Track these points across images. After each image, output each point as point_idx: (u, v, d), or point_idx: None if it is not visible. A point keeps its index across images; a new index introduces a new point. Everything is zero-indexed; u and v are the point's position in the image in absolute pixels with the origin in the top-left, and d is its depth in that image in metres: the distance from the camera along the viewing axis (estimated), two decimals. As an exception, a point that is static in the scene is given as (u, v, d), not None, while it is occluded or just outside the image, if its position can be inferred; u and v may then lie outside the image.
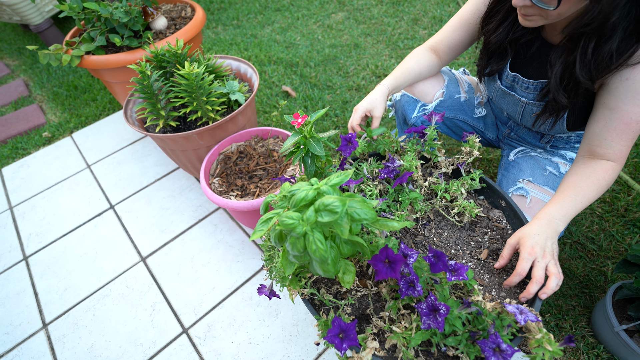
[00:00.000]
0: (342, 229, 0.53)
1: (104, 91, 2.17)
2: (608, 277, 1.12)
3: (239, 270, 1.25)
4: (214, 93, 1.23)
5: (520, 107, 0.94)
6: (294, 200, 0.54)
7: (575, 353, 0.99)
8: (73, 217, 1.52)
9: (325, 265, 0.59)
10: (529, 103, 0.91)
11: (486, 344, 0.58)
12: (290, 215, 0.53)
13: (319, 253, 0.54)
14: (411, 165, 0.88)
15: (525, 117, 0.96)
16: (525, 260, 0.68)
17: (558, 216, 0.72)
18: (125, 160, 1.73)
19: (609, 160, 0.74)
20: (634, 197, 1.31)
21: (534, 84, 0.87)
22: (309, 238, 0.54)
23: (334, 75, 2.06)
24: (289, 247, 0.57)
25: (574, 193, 0.73)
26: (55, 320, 1.20)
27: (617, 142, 0.73)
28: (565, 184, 0.76)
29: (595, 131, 0.75)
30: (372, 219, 0.55)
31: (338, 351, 0.60)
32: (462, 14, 0.97)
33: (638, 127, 0.72)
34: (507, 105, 0.99)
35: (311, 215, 0.52)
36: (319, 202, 0.52)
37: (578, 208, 0.73)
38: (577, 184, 0.74)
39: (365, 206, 0.56)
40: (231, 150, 1.29)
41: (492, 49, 0.90)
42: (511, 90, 0.94)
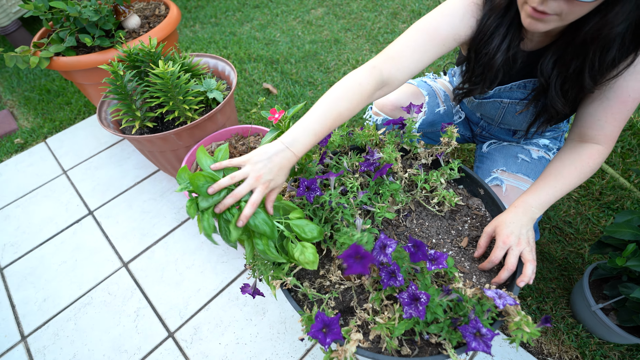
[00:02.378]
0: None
1: (78, 94, 2.10)
2: (585, 259, 1.16)
3: (224, 271, 1.24)
4: (190, 92, 1.20)
5: (501, 109, 0.94)
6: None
7: (556, 333, 1.02)
8: (50, 225, 1.47)
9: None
10: (512, 102, 0.90)
11: (467, 329, 0.59)
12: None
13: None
14: (391, 157, 0.88)
15: (507, 117, 0.95)
16: (499, 249, 0.70)
17: (535, 204, 0.73)
18: (103, 165, 1.68)
19: (597, 144, 0.74)
20: (607, 181, 1.35)
21: (517, 84, 0.86)
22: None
23: (315, 71, 2.05)
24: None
25: (555, 181, 0.74)
26: (35, 332, 1.16)
27: (610, 123, 0.72)
28: (548, 170, 0.76)
29: (589, 111, 0.74)
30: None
31: (322, 346, 0.60)
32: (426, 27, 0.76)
33: (633, 106, 0.71)
34: (485, 111, 0.99)
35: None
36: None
37: (557, 195, 0.74)
38: (559, 171, 0.74)
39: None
40: (211, 149, 1.27)
41: (496, 68, 0.78)
42: (491, 98, 0.93)
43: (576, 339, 1.01)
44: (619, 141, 1.48)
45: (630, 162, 1.41)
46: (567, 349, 0.99)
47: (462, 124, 1.15)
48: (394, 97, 1.07)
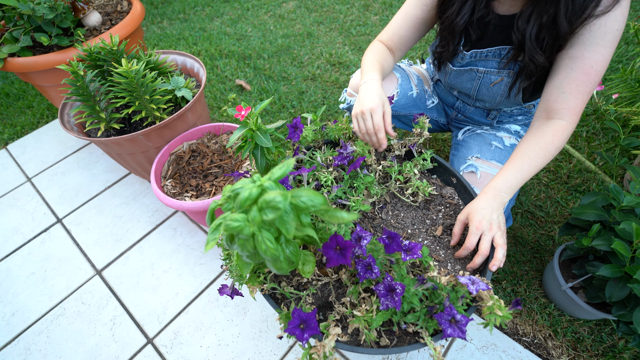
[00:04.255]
0: (287, 226, 0.52)
1: (39, 97, 2.00)
2: (555, 241, 1.20)
3: (203, 273, 1.22)
4: (158, 91, 1.16)
5: (477, 80, 0.96)
6: (238, 202, 0.52)
7: (530, 314, 1.06)
8: (15, 235, 1.40)
9: (278, 263, 0.57)
10: (488, 72, 0.92)
11: (442, 316, 0.60)
12: (235, 218, 0.51)
13: (269, 252, 0.52)
14: (364, 150, 0.88)
15: (482, 89, 0.97)
16: (473, 235, 0.71)
17: (503, 189, 0.75)
18: (70, 170, 1.61)
19: (561, 120, 0.76)
20: (574, 165, 1.41)
21: (492, 51, 0.88)
22: (257, 238, 0.52)
23: (288, 65, 2.02)
24: (239, 249, 0.55)
25: (521, 163, 0.75)
26: (4, 348, 1.11)
27: (574, 96, 0.75)
28: (515, 153, 0.78)
29: (555, 84, 0.77)
30: (321, 204, 0.54)
31: (300, 342, 0.60)
32: (407, 10, 0.95)
33: (596, 79, 0.74)
34: (461, 84, 1.01)
35: (256, 215, 0.50)
36: (261, 200, 0.50)
37: (525, 177, 0.75)
38: (525, 152, 0.76)
39: (311, 193, 0.55)
40: (183, 149, 1.23)
41: (458, 30, 0.87)
42: (467, 66, 0.95)
43: (549, 317, 1.05)
44: (584, 125, 1.54)
45: (595, 146, 1.46)
46: (540, 328, 1.03)
47: (435, 109, 1.16)
48: None
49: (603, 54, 0.72)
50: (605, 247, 0.79)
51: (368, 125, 0.84)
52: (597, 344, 0.99)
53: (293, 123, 0.88)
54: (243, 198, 0.52)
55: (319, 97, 1.82)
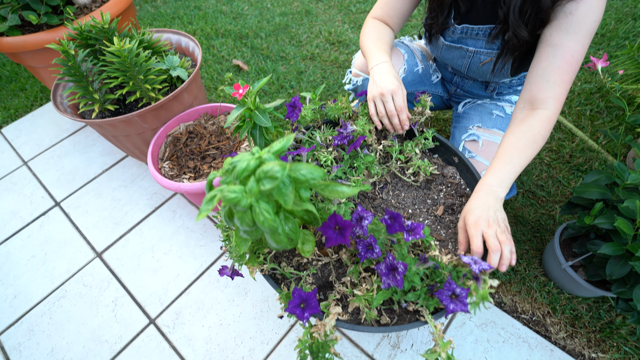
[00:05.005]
0: (285, 198, 0.51)
1: (32, 79, 1.95)
2: (556, 220, 1.20)
3: (203, 255, 1.22)
4: (152, 70, 1.13)
5: (467, 58, 0.95)
6: (235, 173, 0.51)
7: (529, 292, 1.07)
8: (14, 219, 1.39)
9: (276, 235, 0.57)
10: (477, 52, 0.92)
11: (443, 293, 0.60)
12: (232, 189, 0.50)
13: (267, 224, 0.51)
14: (364, 129, 0.86)
15: (472, 68, 0.97)
16: (475, 237, 0.66)
17: (495, 183, 0.71)
18: (66, 153, 1.59)
19: (546, 109, 0.75)
20: (577, 144, 1.39)
21: (483, 29, 0.87)
22: (255, 210, 0.51)
23: (286, 45, 1.97)
24: (238, 222, 0.55)
25: (510, 156, 0.73)
26: (8, 330, 1.12)
27: (558, 84, 0.74)
28: (503, 146, 0.75)
29: (538, 72, 0.75)
30: (321, 177, 0.53)
31: (300, 320, 0.60)
32: None
33: (576, 68, 0.74)
34: (452, 60, 1.00)
35: (253, 186, 0.49)
36: (259, 171, 0.49)
37: (516, 170, 0.72)
38: (513, 145, 0.74)
39: (311, 166, 0.53)
40: (179, 131, 1.21)
41: (447, 2, 0.88)
42: (458, 43, 0.94)
43: (548, 295, 1.06)
44: (588, 104, 1.51)
45: (599, 124, 1.44)
46: (539, 306, 1.04)
47: (440, 84, 1.15)
48: None
49: (582, 43, 0.73)
50: (607, 226, 0.78)
51: (389, 107, 0.83)
52: (595, 321, 1.00)
53: (291, 102, 0.86)
54: (241, 169, 0.51)
55: (318, 76, 1.78)
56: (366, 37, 0.95)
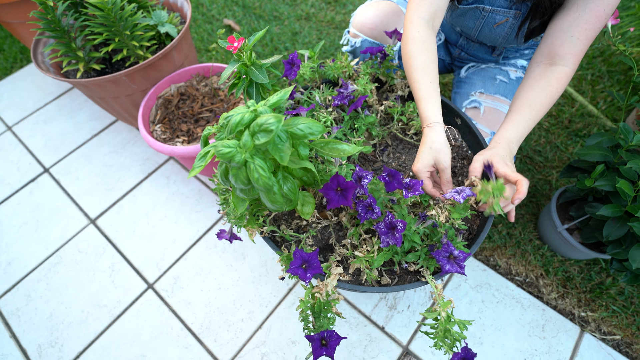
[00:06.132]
0: (281, 154, 0.48)
1: (10, 39, 1.84)
2: (553, 185, 1.20)
3: (199, 220, 1.20)
4: (139, 26, 1.06)
5: (481, 19, 0.88)
6: (230, 126, 0.48)
7: (523, 255, 1.09)
8: (2, 186, 1.35)
9: (271, 194, 0.55)
10: (494, 11, 0.85)
11: (440, 253, 0.59)
12: (226, 144, 0.47)
13: (262, 181, 0.49)
14: (366, 89, 0.83)
15: (484, 30, 0.90)
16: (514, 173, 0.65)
17: (514, 139, 0.71)
18: (52, 118, 1.52)
19: (564, 66, 0.72)
20: (577, 109, 1.37)
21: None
22: (249, 166, 0.49)
23: (280, 4, 1.87)
24: (233, 180, 0.52)
25: (529, 112, 0.71)
26: (5, 295, 1.12)
27: (581, 40, 0.71)
28: (520, 100, 0.74)
29: (563, 26, 0.72)
30: (320, 132, 0.51)
31: (303, 281, 0.59)
32: None
33: (604, 22, 0.70)
34: (463, 22, 0.93)
35: (247, 140, 0.47)
36: (253, 124, 0.46)
37: (531, 126, 0.72)
38: (531, 101, 0.72)
39: (309, 120, 0.51)
40: (171, 92, 1.16)
41: None
42: (474, 4, 0.87)
43: (541, 258, 1.08)
44: (589, 68, 1.48)
45: (600, 89, 1.42)
46: (533, 268, 1.06)
47: (442, 47, 1.09)
48: (374, 15, 0.99)
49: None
50: (608, 188, 0.78)
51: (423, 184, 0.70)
52: (586, 282, 1.03)
53: (289, 59, 0.82)
54: (235, 122, 0.48)
55: (314, 38, 1.70)
56: (415, 60, 0.76)
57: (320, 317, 0.61)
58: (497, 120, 0.95)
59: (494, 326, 0.97)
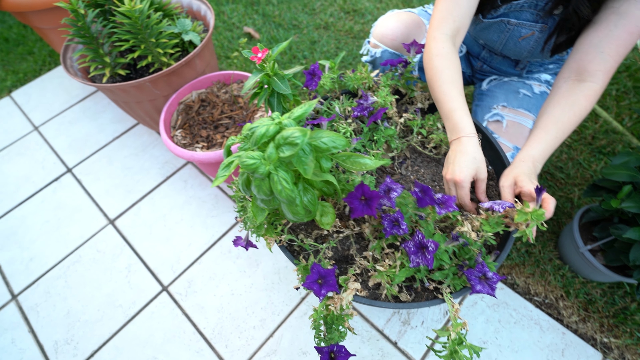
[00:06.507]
0: (305, 167, 0.48)
1: (40, 42, 1.91)
2: (574, 203, 1.17)
3: (215, 225, 1.22)
4: (164, 34, 1.09)
5: (505, 32, 0.88)
6: (254, 138, 0.49)
7: (543, 274, 1.06)
8: (27, 184, 1.40)
9: (293, 206, 0.55)
10: (519, 24, 0.84)
11: (472, 273, 0.58)
12: (251, 155, 0.48)
13: (285, 193, 0.49)
14: (386, 101, 0.82)
15: (509, 44, 0.89)
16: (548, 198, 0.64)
17: (539, 158, 0.70)
18: (77, 119, 1.57)
19: (594, 83, 0.70)
20: (600, 125, 1.33)
21: (528, 1, 0.80)
22: (273, 178, 0.49)
23: (299, 12, 1.89)
24: (255, 190, 0.53)
25: (555, 129, 0.70)
26: (25, 291, 1.15)
27: (612, 57, 0.69)
28: (546, 117, 0.72)
29: (593, 42, 0.70)
30: (343, 145, 0.51)
31: (317, 296, 0.59)
32: None
33: (636, 39, 0.68)
34: (487, 35, 0.92)
35: (272, 152, 0.47)
36: (278, 136, 0.47)
37: (557, 144, 0.71)
38: (558, 118, 0.70)
39: (333, 134, 0.51)
40: (192, 98, 1.18)
41: None
42: (498, 17, 0.86)
43: (562, 279, 1.04)
44: (615, 83, 1.44)
45: (625, 105, 1.38)
46: (552, 289, 1.03)
47: (463, 59, 1.08)
48: (395, 25, 0.99)
49: None
50: (636, 210, 0.76)
51: (459, 194, 0.70)
52: (609, 306, 0.99)
53: (310, 70, 0.82)
54: (260, 134, 0.49)
55: (332, 47, 1.71)
56: (442, 74, 0.76)
57: (332, 330, 0.61)
58: (519, 135, 0.94)
59: (511, 348, 0.95)
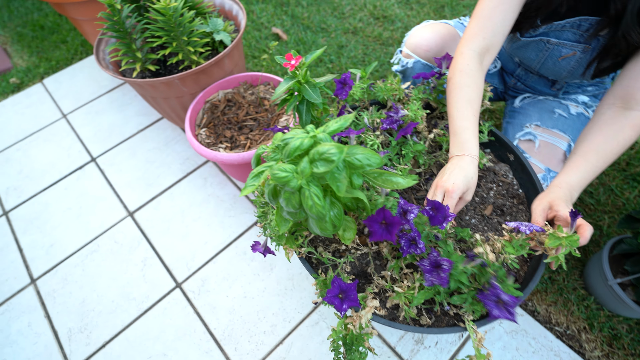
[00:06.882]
0: (338, 184, 0.47)
1: (74, 32, 1.96)
2: (604, 232, 1.12)
3: (232, 225, 1.22)
4: (195, 32, 1.09)
5: (544, 51, 0.84)
6: (287, 150, 0.48)
7: (566, 304, 1.01)
8: (52, 170, 1.43)
9: (322, 223, 0.54)
10: (560, 44, 0.81)
11: (487, 296, 0.56)
12: (283, 168, 0.47)
13: (315, 209, 0.48)
14: (416, 115, 0.80)
15: (548, 63, 0.86)
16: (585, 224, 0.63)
17: (577, 187, 0.67)
18: (104, 110, 1.60)
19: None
20: (636, 151, 1.27)
21: (570, 22, 0.76)
22: (304, 193, 0.48)
23: (328, 16, 1.88)
24: (283, 203, 0.52)
25: (596, 158, 0.67)
26: (44, 276, 1.17)
27: None
28: (587, 144, 0.69)
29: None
30: (378, 164, 0.49)
31: (338, 312, 0.58)
32: None
33: None
34: (525, 54, 0.89)
35: (306, 167, 0.46)
36: (313, 151, 0.45)
37: (596, 174, 0.68)
38: (600, 146, 0.67)
39: (368, 151, 0.49)
40: (218, 98, 1.18)
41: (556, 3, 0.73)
42: (537, 36, 0.83)
43: (586, 310, 1.00)
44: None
45: (665, 132, 1.31)
46: (575, 320, 0.99)
47: (496, 75, 1.05)
48: (430, 37, 0.96)
49: None
50: (676, 247, 0.71)
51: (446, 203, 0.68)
52: (636, 344, 0.94)
53: (342, 79, 0.81)
54: (293, 147, 0.48)
55: (360, 52, 1.70)
56: (461, 90, 0.74)
57: (352, 350, 0.59)
58: (552, 156, 0.90)
59: (528, 377, 0.91)
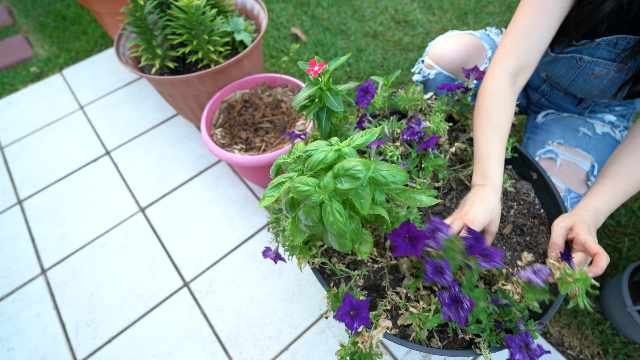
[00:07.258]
0: (362, 201, 0.46)
1: (94, 24, 1.97)
2: (623, 254, 1.08)
3: (242, 227, 1.21)
4: (216, 31, 1.08)
5: (575, 69, 0.81)
6: (310, 163, 0.46)
7: (580, 327, 0.98)
8: (67, 161, 1.44)
9: (342, 239, 0.52)
10: (593, 62, 0.78)
11: (513, 340, 0.54)
12: (305, 181, 0.46)
13: (336, 226, 0.47)
14: (439, 127, 0.78)
15: (578, 81, 0.83)
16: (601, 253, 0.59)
17: (604, 211, 0.64)
18: (120, 103, 1.61)
19: None
20: (661, 172, 1.23)
21: (607, 40, 0.73)
22: (326, 208, 0.46)
23: (348, 18, 1.86)
24: (302, 216, 0.50)
25: (626, 182, 0.64)
26: (54, 267, 1.18)
27: None
28: (617, 167, 0.66)
29: None
30: (403, 181, 0.48)
31: (349, 330, 0.56)
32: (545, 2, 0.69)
33: None
34: (553, 69, 0.86)
35: (329, 182, 0.44)
36: (338, 166, 0.44)
37: (625, 199, 0.65)
38: (631, 171, 0.64)
39: (393, 168, 0.48)
40: (235, 98, 1.17)
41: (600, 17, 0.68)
42: (569, 53, 0.80)
43: (600, 335, 0.97)
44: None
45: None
46: (589, 344, 0.96)
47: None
48: (454, 48, 0.93)
49: None
50: None
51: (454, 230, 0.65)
52: (653, 373, 0.91)
53: (364, 86, 0.79)
54: (317, 160, 0.47)
55: (379, 57, 1.68)
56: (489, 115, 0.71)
57: (361, 369, 0.58)
58: (574, 176, 0.87)
59: (538, 401, 0.88)
